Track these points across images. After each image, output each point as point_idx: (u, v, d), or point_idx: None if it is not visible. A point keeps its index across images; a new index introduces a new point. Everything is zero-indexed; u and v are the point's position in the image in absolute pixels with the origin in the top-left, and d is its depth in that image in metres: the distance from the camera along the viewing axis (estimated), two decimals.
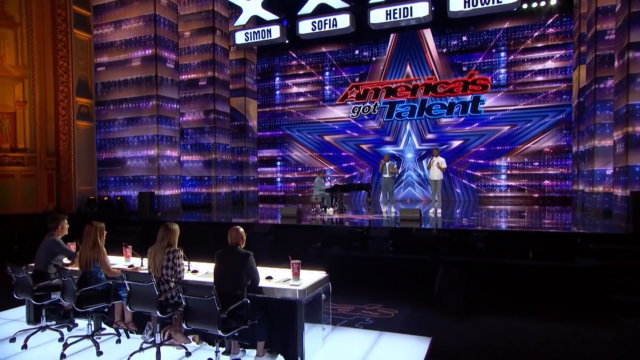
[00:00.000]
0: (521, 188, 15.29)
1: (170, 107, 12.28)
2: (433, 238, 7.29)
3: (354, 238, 7.90)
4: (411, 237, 7.52)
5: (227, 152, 14.95)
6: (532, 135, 15.02)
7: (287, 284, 4.25)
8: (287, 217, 9.76)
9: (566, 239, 6.77)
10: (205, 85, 14.21)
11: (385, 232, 7.89)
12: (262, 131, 18.77)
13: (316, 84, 18.03)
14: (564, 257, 6.46)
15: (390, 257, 7.43)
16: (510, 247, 6.74)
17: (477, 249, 6.91)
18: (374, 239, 7.79)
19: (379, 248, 7.61)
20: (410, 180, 16.76)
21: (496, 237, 6.98)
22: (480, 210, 12.51)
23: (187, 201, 14.16)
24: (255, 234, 8.48)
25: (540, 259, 6.48)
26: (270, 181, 19.03)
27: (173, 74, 12.36)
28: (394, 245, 7.50)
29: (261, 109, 18.60)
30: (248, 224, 9.44)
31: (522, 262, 6.54)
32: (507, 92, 15.37)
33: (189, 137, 14.37)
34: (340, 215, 10.61)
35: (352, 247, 7.79)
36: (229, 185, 15.14)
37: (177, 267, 4.30)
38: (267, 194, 18.95)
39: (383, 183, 11.29)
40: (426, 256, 7.05)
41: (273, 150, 18.89)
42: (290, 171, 18.68)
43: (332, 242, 8.01)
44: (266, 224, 9.28)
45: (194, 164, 14.38)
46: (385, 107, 16.85)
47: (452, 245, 7.09)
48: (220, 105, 14.52)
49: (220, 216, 11.75)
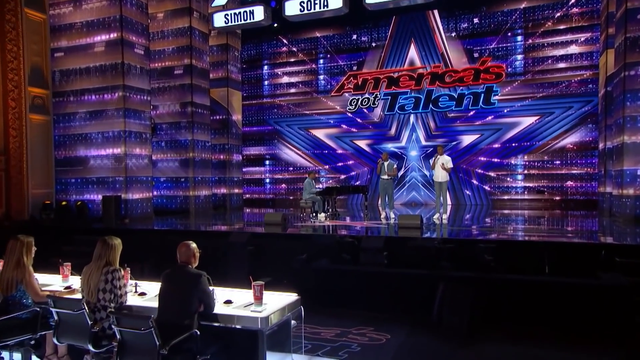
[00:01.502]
0: (540, 190, 15.21)
1: (139, 99, 12.07)
2: (433, 249, 7.09)
3: (344, 249, 7.70)
4: (408, 248, 7.35)
5: (207, 150, 14.81)
6: (552, 130, 14.95)
7: (247, 310, 3.90)
8: (272, 225, 9.67)
9: (589, 251, 6.57)
10: (181, 74, 14.04)
11: (379, 242, 7.74)
12: (248, 126, 18.69)
13: (309, 73, 17.97)
14: (586, 272, 6.22)
15: (384, 271, 7.26)
16: (523, 261, 6.57)
17: (484, 262, 6.69)
18: (366, 250, 7.60)
19: (371, 261, 7.45)
20: (415, 181, 16.64)
21: (507, 249, 6.80)
22: (492, 216, 12.47)
23: (161, 205, 14.08)
24: (232, 245, 8.40)
25: (559, 274, 6.28)
26: (257, 182, 18.96)
27: (143, 61, 12.16)
28: (388, 258, 7.33)
29: (247, 101, 18.51)
30: (224, 233, 9.45)
31: (536, 278, 6.33)
32: (525, 81, 15.24)
33: (163, 133, 14.20)
34: (333, 222, 10.52)
35: (342, 259, 7.62)
36: (209, 188, 15.02)
37: (118, 290, 3.96)
38: (254, 197, 18.90)
39: (381, 185, 11.03)
40: (425, 271, 6.85)
41: (260, 148, 18.83)
42: (280, 171, 18.62)
43: (319, 253, 7.83)
44: (245, 233, 9.13)
45: (169, 163, 14.25)
46: (387, 99, 16.75)
47: (456, 258, 6.89)
48: (199, 97, 14.35)
49: (198, 223, 11.69)
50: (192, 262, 3.96)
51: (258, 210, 16.43)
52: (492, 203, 15.59)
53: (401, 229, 8.61)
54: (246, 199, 18.54)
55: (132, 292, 4.44)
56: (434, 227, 9.56)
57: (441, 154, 10.22)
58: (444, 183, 10.24)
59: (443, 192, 10.27)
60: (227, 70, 16.14)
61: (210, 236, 9.37)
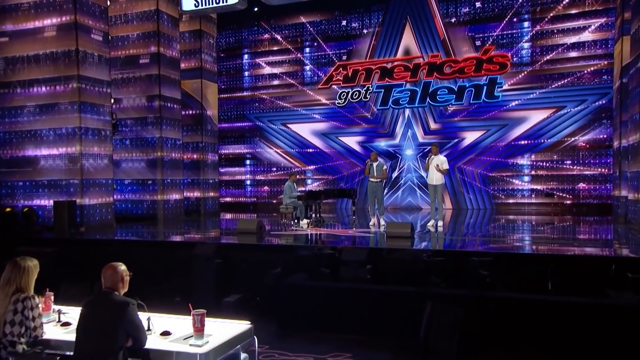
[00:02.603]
0: (549, 193, 15.21)
1: (97, 92, 11.80)
2: (421, 263, 6.87)
3: (323, 262, 7.46)
4: (394, 262, 7.15)
5: (177, 149, 14.66)
6: (563, 126, 14.92)
7: (186, 344, 3.58)
8: (245, 233, 9.49)
9: (596, 265, 6.30)
10: (147, 63, 13.84)
11: (361, 254, 7.44)
12: (225, 122, 18.64)
13: (294, 63, 17.91)
14: (594, 290, 5.98)
15: (366, 288, 7.04)
16: (523, 276, 6.36)
17: (478, 278, 6.43)
18: (347, 263, 7.36)
19: (353, 276, 7.25)
20: (411, 184, 16.57)
21: (504, 262, 6.59)
22: (496, 222, 12.48)
23: (125, 211, 13.95)
24: (197, 258, 8.17)
25: (563, 292, 6.06)
26: (237, 184, 18.93)
27: (101, 49, 11.89)
28: (372, 272, 7.11)
29: (224, 94, 18.44)
30: (188, 244, 9.26)
31: (537, 297, 6.11)
32: (532, 72, 15.18)
33: (127, 130, 14.03)
34: (316, 230, 10.42)
35: (320, 274, 7.40)
36: (181, 191, 14.88)
37: (30, 321, 3.65)
38: (232, 201, 18.88)
39: (370, 188, 10.94)
40: (411, 287, 6.63)
41: (240, 146, 18.81)
42: (262, 172, 18.59)
43: (295, 267, 7.65)
44: (212, 244, 8.96)
45: (135, 163, 14.08)
46: (379, 92, 16.70)
47: (446, 273, 6.67)
48: (168, 89, 14.16)
49: (164, 231, 11.56)
50: (120, 288, 3.66)
51: (236, 216, 16.43)
52: (495, 207, 15.60)
53: (389, 239, 8.43)
54: (224, 203, 18.48)
55: (54, 321, 4.11)
56: (428, 235, 9.43)
57: (436, 154, 10.14)
58: (439, 186, 10.17)
59: (438, 197, 10.22)
60: (201, 60, 15.95)
61: (172, 247, 9.17)
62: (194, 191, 15.99)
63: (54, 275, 6.08)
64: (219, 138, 17.81)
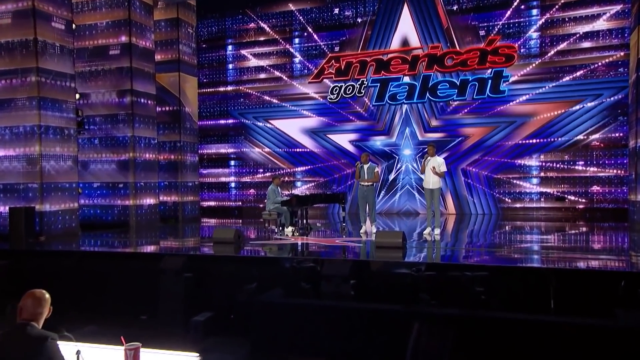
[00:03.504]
0: (560, 197, 15.13)
1: (60, 86, 11.63)
2: (409, 278, 6.77)
3: (302, 276, 7.46)
4: (380, 276, 7.14)
5: (152, 149, 14.57)
6: (575, 123, 14.81)
7: None
8: (222, 243, 9.44)
9: (605, 281, 6.17)
10: (117, 55, 13.73)
11: (344, 267, 7.43)
12: (207, 119, 18.62)
13: (282, 54, 17.83)
14: (601, 310, 5.86)
15: (349, 306, 7.00)
16: (522, 294, 6.32)
17: (473, 295, 6.38)
18: (329, 278, 7.33)
19: (335, 292, 7.20)
20: (409, 187, 16.48)
21: (501, 277, 6.48)
22: (500, 229, 12.55)
23: (94, 218, 13.92)
24: (164, 272, 8.11)
25: (566, 312, 5.99)
26: (220, 187, 18.85)
27: (63, 38, 11.70)
28: (356, 288, 7.07)
29: (205, 89, 18.43)
30: (155, 255, 9.22)
31: (538, 317, 6.02)
32: (541, 64, 15.08)
33: (96, 128, 13.92)
34: (301, 239, 10.39)
35: (299, 290, 7.40)
36: (156, 195, 14.78)
37: None
38: (215, 205, 18.82)
39: (360, 193, 10.88)
40: (398, 306, 6.60)
41: (224, 146, 18.73)
42: (247, 173, 18.49)
43: (272, 282, 7.63)
44: (181, 256, 8.77)
45: (104, 165, 14.00)
46: (375, 86, 16.56)
47: (437, 289, 6.61)
48: (141, 83, 14.06)
49: (136, 240, 11.63)
50: (39, 319, 3.37)
51: (219, 222, 16.45)
52: (501, 212, 15.54)
53: (379, 249, 8.35)
54: (206, 207, 18.48)
55: None
56: (423, 245, 9.35)
57: (432, 155, 10.05)
58: (436, 191, 10.10)
59: (435, 202, 10.18)
60: (179, 51, 15.83)
61: (138, 259, 9.05)
62: (171, 195, 15.91)
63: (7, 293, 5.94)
64: (200, 137, 17.75)
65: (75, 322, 8.03)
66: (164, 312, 7.92)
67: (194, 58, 16.80)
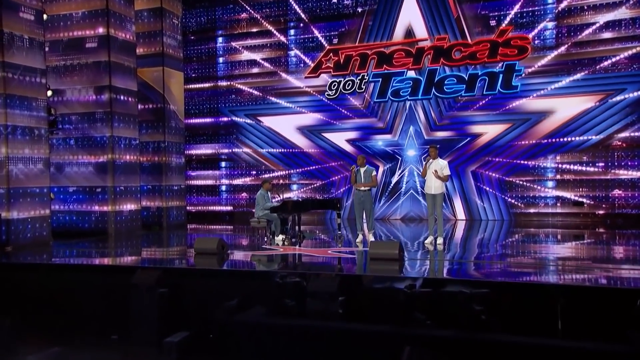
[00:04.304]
0: (578, 202, 15.10)
1: (29, 82, 11.46)
2: (402, 295, 6.69)
3: (286, 292, 7.41)
4: (371, 293, 7.08)
5: (133, 150, 14.45)
6: (594, 122, 14.78)
7: None
8: (204, 254, 9.43)
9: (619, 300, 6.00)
10: (95, 48, 13.57)
11: (332, 283, 7.23)
12: (194, 117, 18.70)
13: (277, 47, 17.90)
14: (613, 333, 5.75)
15: (336, 327, 6.93)
16: (525, 314, 6.20)
17: (472, 315, 6.27)
18: (315, 295, 7.25)
19: (321, 310, 7.09)
20: (413, 192, 16.42)
21: (503, 295, 6.39)
22: (512, 237, 12.62)
23: (69, 225, 13.78)
24: (137, 287, 8.03)
25: (575, 335, 5.91)
26: (209, 191, 18.96)
27: (33, 30, 11.51)
28: (345, 306, 6.98)
29: (192, 84, 18.49)
30: (127, 269, 8.97)
31: (543, 341, 5.98)
32: (557, 57, 15.04)
33: (71, 128, 13.77)
34: (293, 249, 10.37)
35: (283, 307, 7.35)
36: (137, 200, 14.65)
37: None
38: (204, 210, 18.90)
39: (356, 198, 10.93)
40: (388, 327, 6.60)
41: (214, 146, 18.86)
42: (239, 175, 18.58)
43: (254, 298, 7.64)
44: (155, 269, 8.57)
45: (81, 167, 13.83)
46: (376, 81, 16.57)
47: (432, 309, 6.53)
48: (121, 78, 13.93)
49: (112, 250, 11.60)
50: None
51: (208, 228, 16.63)
52: (514, 218, 15.57)
53: (373, 262, 8.33)
54: (195, 212, 18.60)
55: None
56: (424, 256, 9.32)
57: (435, 158, 10.06)
58: (439, 196, 10.10)
59: (437, 208, 10.14)
60: (162, 44, 15.67)
61: (109, 273, 8.92)
62: (154, 200, 15.81)
63: None
64: (188, 136, 17.78)
65: (39, 343, 8.05)
66: (136, 332, 7.87)
67: (180, 51, 16.69)
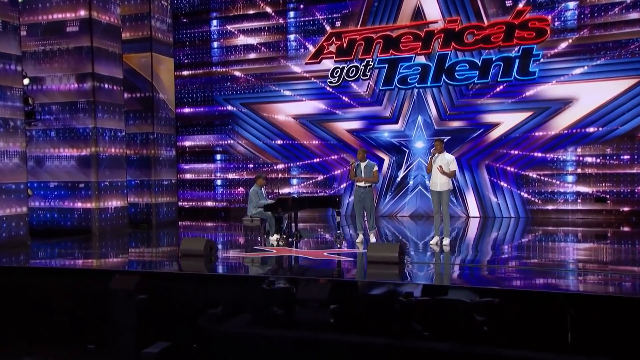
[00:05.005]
0: (601, 198, 15.01)
1: (3, 70, 11.35)
2: (398, 304, 6.64)
3: (273, 299, 7.40)
4: (366, 300, 7.03)
5: (119, 143, 14.43)
6: (620, 111, 14.73)
7: None
8: (190, 257, 9.44)
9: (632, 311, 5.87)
10: (76, 32, 13.49)
11: (323, 290, 7.16)
12: (187, 106, 18.70)
13: (275, 31, 17.86)
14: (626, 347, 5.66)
15: (327, 338, 6.87)
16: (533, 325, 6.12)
17: (473, 326, 6.22)
18: (305, 303, 7.15)
19: (311, 320, 7.04)
20: (422, 188, 16.38)
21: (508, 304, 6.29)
22: (528, 237, 12.62)
23: (51, 223, 13.79)
24: (114, 293, 7.98)
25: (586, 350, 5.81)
26: (203, 185, 19.01)
27: (6, 13, 11.39)
28: (336, 315, 6.90)
29: (184, 71, 18.54)
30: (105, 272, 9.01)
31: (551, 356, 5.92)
32: (579, 40, 14.94)
33: (52, 119, 13.71)
34: (288, 250, 10.36)
35: (270, 316, 7.31)
36: (124, 196, 14.63)
37: None
38: (198, 206, 18.93)
39: (356, 195, 10.88)
40: (382, 339, 6.53)
41: (208, 137, 18.85)
42: (236, 169, 18.59)
43: (240, 306, 7.62)
44: (134, 273, 8.60)
45: (63, 161, 13.80)
46: (382, 67, 16.50)
47: (431, 319, 6.48)
48: (105, 65, 13.89)
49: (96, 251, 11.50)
50: None
51: (201, 225, 16.73)
52: (531, 216, 15.54)
53: (370, 265, 8.31)
54: (188, 208, 18.68)
55: None
56: (430, 259, 9.31)
57: (441, 152, 10.07)
58: (445, 193, 10.10)
59: (443, 207, 10.11)
60: (150, 28, 15.62)
61: (84, 277, 8.81)
62: (142, 196, 15.86)
63: None
64: (180, 127, 17.91)
65: (10, 353, 8.02)
66: (113, 342, 7.86)
67: (170, 35, 16.63)
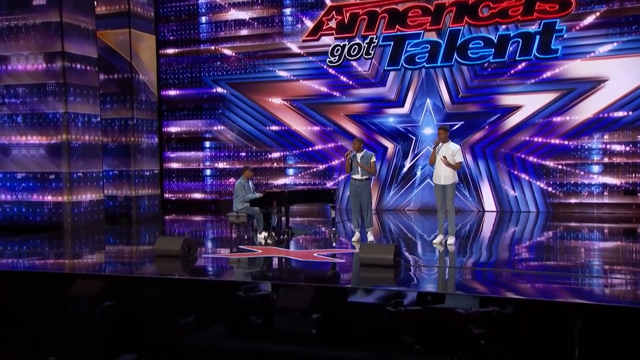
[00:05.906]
0: (630, 190, 14.96)
1: None
2: (386, 315, 6.60)
3: (252, 308, 7.41)
4: (351, 310, 7.02)
5: (93, 129, 14.48)
6: None
7: None
8: (166, 257, 9.47)
9: None
10: (43, 6, 13.54)
11: (305, 297, 7.16)
12: (173, 88, 18.71)
13: (269, 4, 17.86)
14: None
15: (308, 352, 6.90)
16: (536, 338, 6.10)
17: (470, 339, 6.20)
18: (285, 311, 7.18)
19: (292, 331, 7.09)
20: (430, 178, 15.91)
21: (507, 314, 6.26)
22: (547, 232, 12.85)
23: (18, 218, 13.90)
24: (77, 299, 7.99)
25: None
26: (191, 175, 19.04)
27: None
28: (319, 326, 6.95)
29: (168, 49, 18.56)
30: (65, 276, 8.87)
31: None
32: (607, 13, 14.83)
33: (18, 102, 13.76)
34: (277, 250, 10.32)
35: (248, 326, 7.34)
36: (99, 188, 14.66)
37: None
38: (185, 198, 19.01)
39: (352, 189, 10.79)
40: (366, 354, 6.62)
41: (196, 123, 18.86)
42: (226, 158, 18.63)
43: (215, 314, 7.61)
44: (98, 277, 8.53)
45: (30, 150, 13.89)
46: (387, 45, 16.35)
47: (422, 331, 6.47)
48: (77, 43, 13.90)
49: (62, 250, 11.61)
50: None
51: (186, 219, 16.93)
52: (552, 210, 15.54)
53: (363, 269, 8.29)
54: (175, 200, 18.84)
55: None
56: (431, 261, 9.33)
57: (445, 141, 10.06)
58: (449, 187, 10.08)
59: (448, 202, 10.11)
60: (129, 1, 15.74)
61: (43, 281, 8.72)
62: (121, 188, 15.97)
63: None
64: (166, 111, 18.03)
65: None
66: (76, 353, 7.92)
67: (150, 10, 16.73)
